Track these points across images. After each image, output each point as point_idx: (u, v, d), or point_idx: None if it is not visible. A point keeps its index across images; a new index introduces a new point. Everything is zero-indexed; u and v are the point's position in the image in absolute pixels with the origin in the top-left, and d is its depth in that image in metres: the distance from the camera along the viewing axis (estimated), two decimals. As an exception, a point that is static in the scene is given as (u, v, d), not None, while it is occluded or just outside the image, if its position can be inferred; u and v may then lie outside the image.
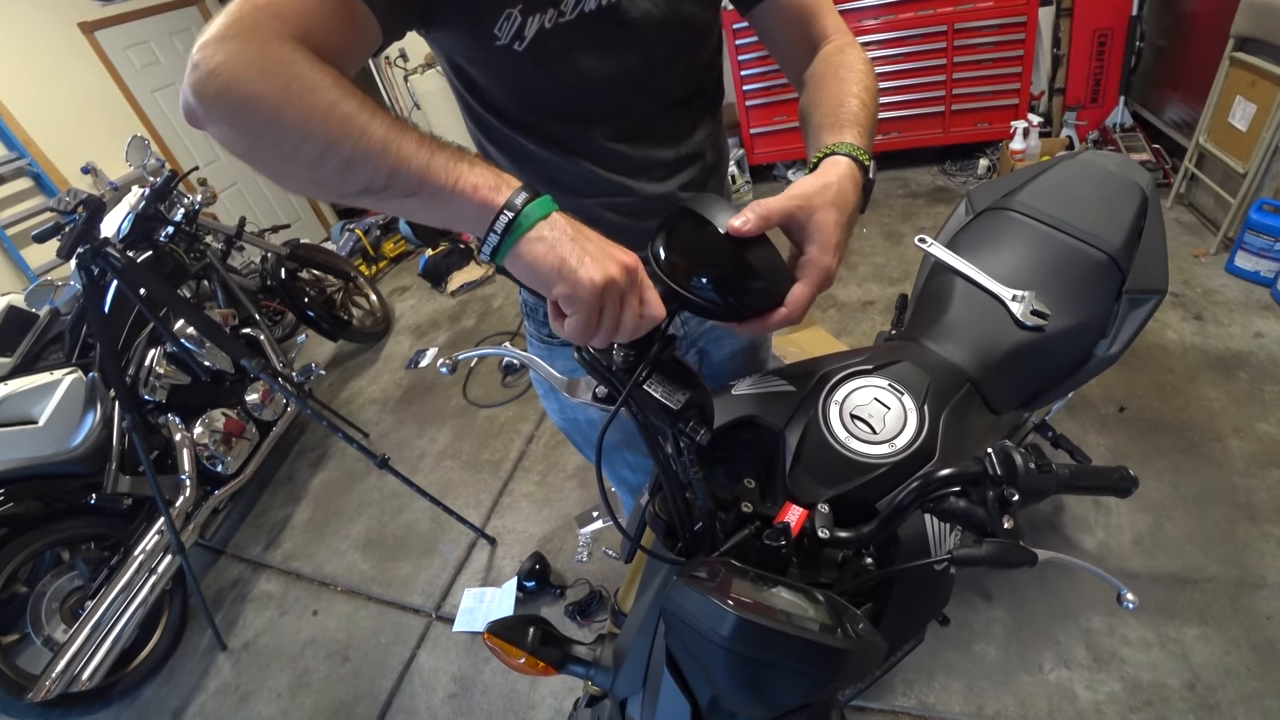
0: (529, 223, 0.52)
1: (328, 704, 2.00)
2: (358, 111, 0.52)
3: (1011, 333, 1.05)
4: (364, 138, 0.52)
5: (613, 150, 0.86)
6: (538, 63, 0.75)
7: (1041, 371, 1.10)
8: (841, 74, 0.77)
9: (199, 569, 2.61)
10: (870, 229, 3.13)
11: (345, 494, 2.78)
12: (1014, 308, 1.06)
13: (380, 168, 0.52)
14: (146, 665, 2.25)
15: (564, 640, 0.78)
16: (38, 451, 2.16)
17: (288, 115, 0.51)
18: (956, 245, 1.23)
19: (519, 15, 0.71)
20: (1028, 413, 1.27)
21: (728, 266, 0.58)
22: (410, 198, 0.53)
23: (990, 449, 0.64)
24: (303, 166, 0.54)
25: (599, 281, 0.51)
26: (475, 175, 0.52)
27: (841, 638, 0.57)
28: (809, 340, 2.46)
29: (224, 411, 2.62)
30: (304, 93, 0.51)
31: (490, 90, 0.80)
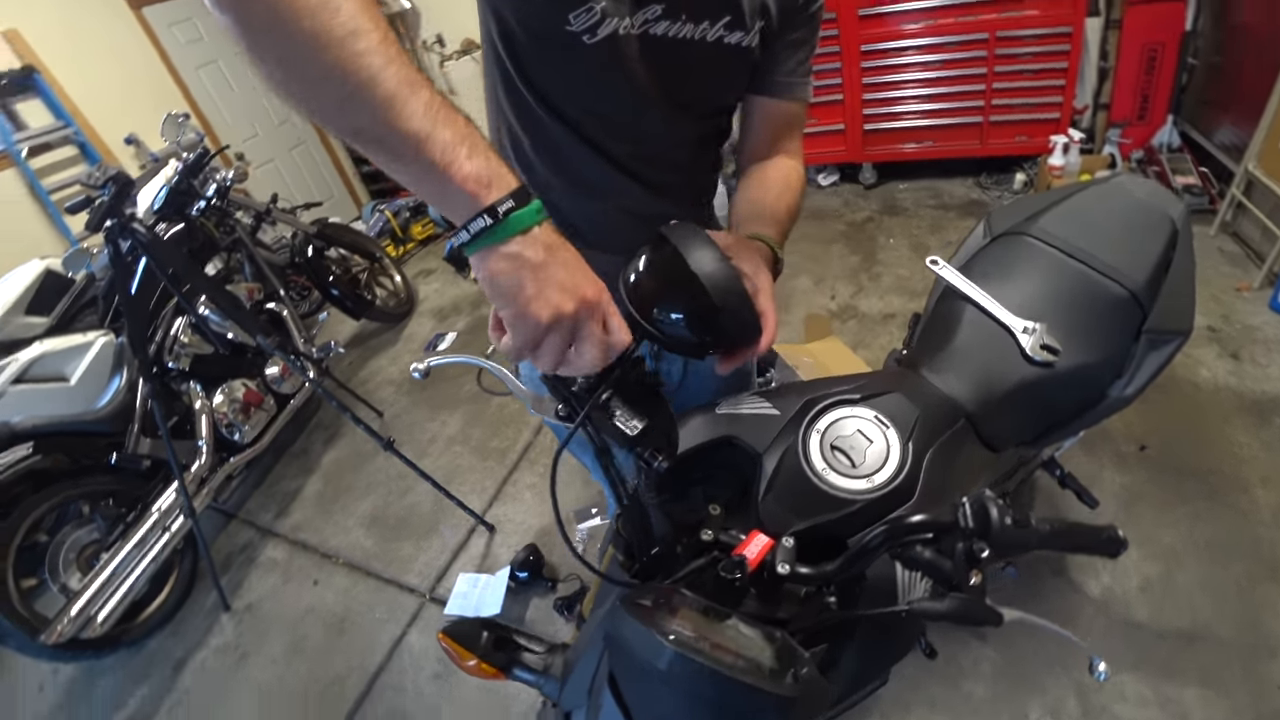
0: (505, 234, 0.50)
1: (321, 672, 2.05)
2: (374, 49, 0.47)
3: (1018, 367, 1.01)
4: (372, 82, 0.47)
5: (630, 163, 0.92)
6: (597, 61, 0.78)
7: (1047, 410, 1.06)
8: (786, 187, 0.94)
9: (211, 531, 2.69)
10: (897, 239, 3.06)
11: (355, 471, 2.83)
12: (1023, 340, 1.03)
13: (375, 118, 0.48)
14: (154, 618, 2.33)
15: (517, 647, 0.78)
16: (67, 409, 2.25)
17: (303, 26, 0.45)
18: (970, 269, 1.19)
19: (600, 12, 0.74)
20: (1034, 450, 1.22)
21: (695, 303, 0.56)
22: (398, 162, 0.50)
23: (966, 498, 0.62)
24: (304, 85, 0.49)
25: (544, 319, 0.51)
26: (471, 164, 0.49)
27: (782, 682, 0.55)
28: (825, 352, 2.42)
29: (244, 382, 2.68)
30: (320, 9, 0.46)
31: (539, 70, 0.83)
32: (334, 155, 5.41)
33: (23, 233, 3.46)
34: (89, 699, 2.25)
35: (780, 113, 0.94)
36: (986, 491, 0.63)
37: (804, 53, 0.91)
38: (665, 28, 0.78)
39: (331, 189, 5.42)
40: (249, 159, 4.68)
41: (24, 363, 2.22)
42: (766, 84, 0.91)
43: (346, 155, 5.51)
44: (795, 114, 0.96)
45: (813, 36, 0.91)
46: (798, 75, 0.92)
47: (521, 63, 0.82)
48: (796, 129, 0.98)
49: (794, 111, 0.95)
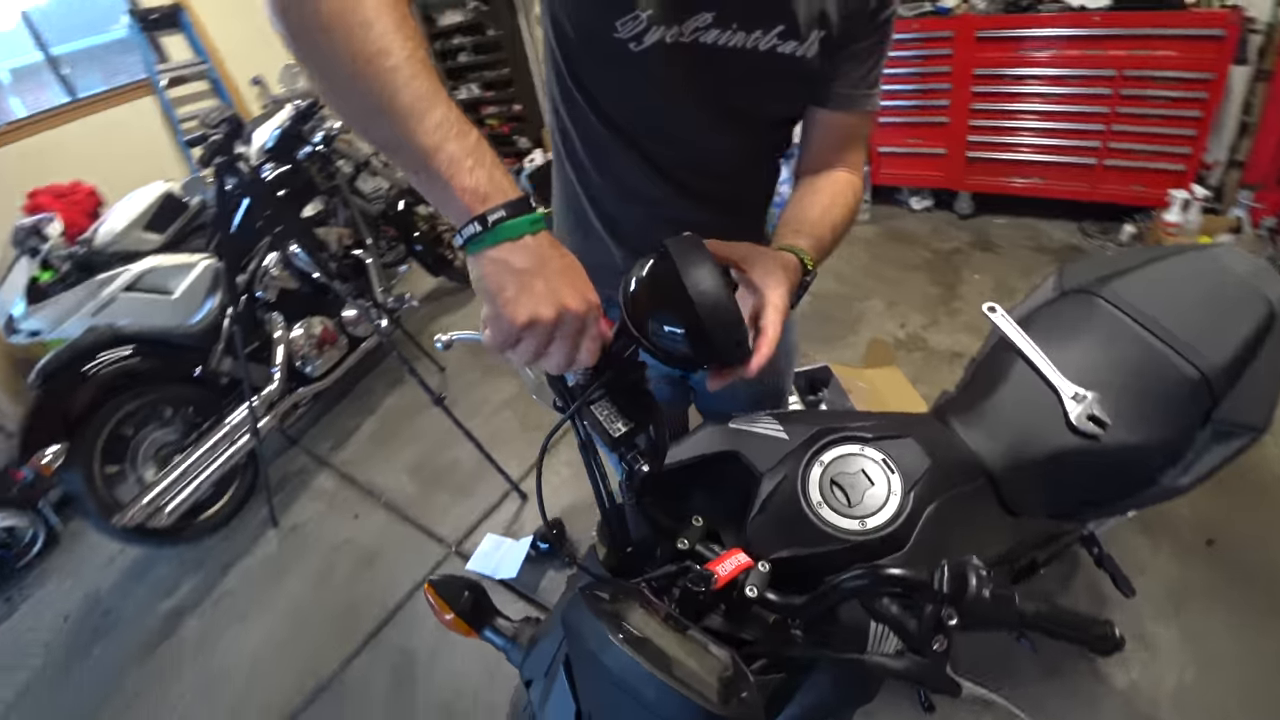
0: (492, 240, 0.53)
1: (344, 599, 2.19)
2: (399, 66, 0.52)
3: (1058, 434, 0.96)
4: (393, 97, 0.51)
5: (675, 170, 0.92)
6: (643, 69, 0.79)
7: (1083, 485, 1.00)
8: (835, 200, 0.89)
9: (272, 453, 2.90)
10: (983, 277, 2.91)
11: (409, 419, 2.97)
12: (1070, 406, 0.97)
13: (394, 134, 0.53)
14: (211, 521, 2.55)
15: (493, 612, 0.82)
16: (166, 321, 2.47)
17: (339, 44, 0.52)
18: (1030, 323, 1.13)
19: (645, 21, 0.75)
20: (1067, 523, 1.16)
21: (684, 319, 0.57)
22: (412, 170, 0.55)
23: (945, 562, 0.60)
24: (338, 97, 0.56)
25: (520, 321, 0.53)
26: (471, 178, 0.53)
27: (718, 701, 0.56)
28: (883, 380, 2.35)
29: (322, 320, 2.85)
30: (357, 28, 0.51)
31: (588, 74, 0.85)
32: (442, 115, 5.62)
33: (153, 156, 3.79)
34: (145, 580, 2.50)
35: (840, 125, 0.91)
36: (973, 559, 0.61)
37: (870, 63, 0.86)
38: (715, 36, 0.77)
39: (434, 149, 5.64)
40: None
41: (136, 273, 2.45)
42: (827, 95, 0.88)
43: (454, 117, 5.72)
44: (856, 126, 0.93)
45: (880, 47, 0.86)
46: (862, 87, 0.88)
47: (574, 66, 0.84)
48: (857, 141, 0.95)
49: (855, 124, 0.92)
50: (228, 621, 2.23)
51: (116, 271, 2.42)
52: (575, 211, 1.00)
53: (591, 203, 0.97)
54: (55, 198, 3.26)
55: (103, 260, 2.45)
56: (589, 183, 0.95)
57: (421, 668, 1.90)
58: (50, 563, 2.75)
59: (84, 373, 2.21)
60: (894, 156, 3.44)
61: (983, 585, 0.57)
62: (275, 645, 2.11)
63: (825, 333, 2.82)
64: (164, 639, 2.24)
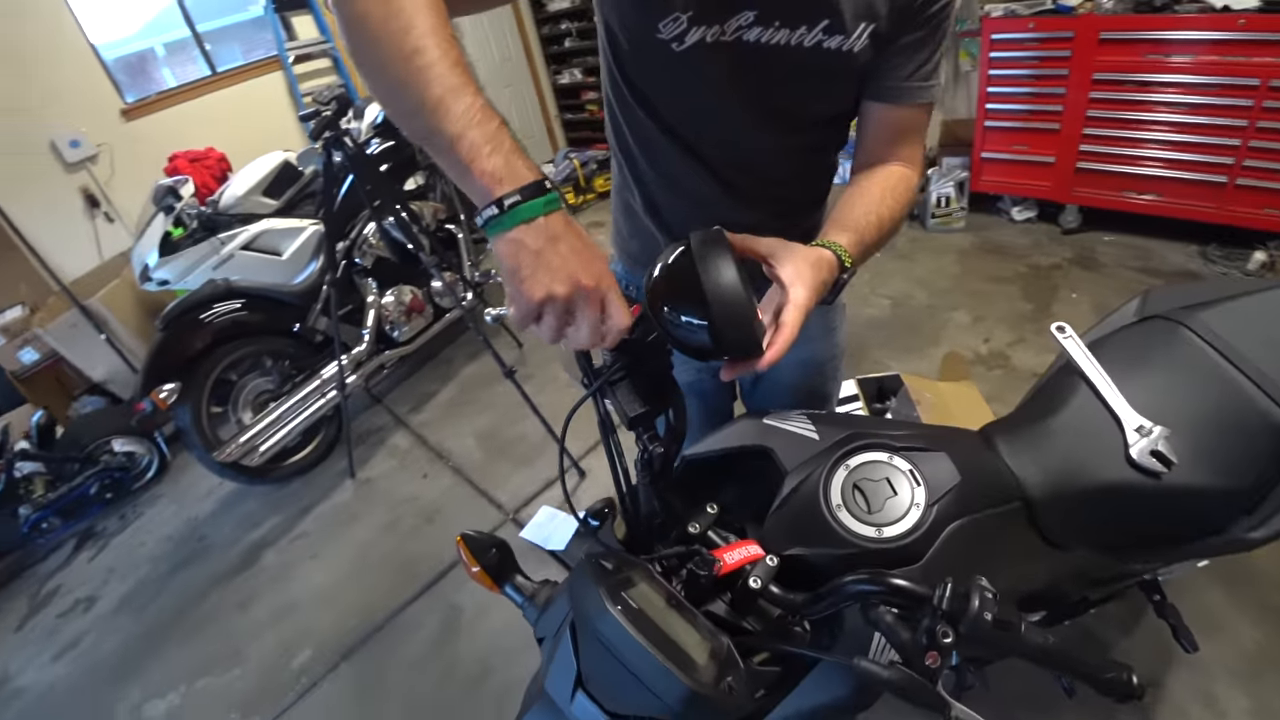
0: (510, 222, 0.56)
1: (405, 551, 2.35)
2: (433, 63, 0.57)
3: (1114, 467, 0.90)
4: (426, 89, 0.57)
5: (722, 168, 0.92)
6: (686, 68, 0.81)
7: (1136, 524, 0.94)
8: (885, 195, 0.86)
9: (356, 409, 3.12)
10: (1081, 296, 2.72)
11: (484, 389, 3.11)
12: (1132, 439, 0.91)
13: (426, 123, 0.58)
14: (297, 465, 2.79)
15: (516, 570, 0.86)
16: (273, 279, 2.70)
17: (381, 47, 0.59)
18: (1102, 348, 1.06)
19: (687, 21, 0.77)
20: (1119, 563, 1.09)
21: (697, 312, 0.59)
22: (439, 155, 0.60)
23: (950, 579, 0.60)
24: (382, 91, 0.62)
25: (536, 297, 0.56)
26: (490, 162, 0.56)
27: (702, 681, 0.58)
28: (954, 394, 2.26)
29: (412, 289, 3.02)
30: (398, 31, 0.58)
31: (636, 72, 0.88)
32: (541, 99, 5.78)
33: (276, 126, 4.12)
34: (235, 512, 2.77)
35: (893, 119, 0.89)
36: (980, 580, 0.60)
37: (924, 55, 0.83)
38: (758, 34, 0.77)
39: (533, 130, 5.81)
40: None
41: (253, 234, 2.69)
42: (881, 89, 0.86)
43: (553, 101, 5.86)
44: (912, 120, 0.90)
45: (934, 38, 0.83)
46: (916, 80, 0.85)
47: (624, 66, 0.87)
48: (913, 135, 0.92)
49: (910, 118, 0.89)
50: (300, 559, 2.44)
51: (236, 231, 2.66)
52: (625, 202, 1.03)
53: (641, 195, 0.99)
54: (190, 161, 3.62)
55: (225, 221, 2.71)
56: (640, 176, 0.97)
57: (466, 622, 2.01)
58: (160, 488, 3.09)
59: (201, 320, 2.46)
60: (997, 163, 3.25)
61: (985, 608, 0.57)
62: (339, 585, 2.29)
63: (904, 341, 2.73)
64: (245, 567, 2.48)
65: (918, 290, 3.03)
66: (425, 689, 1.87)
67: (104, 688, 2.18)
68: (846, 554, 0.74)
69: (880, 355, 2.68)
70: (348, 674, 1.98)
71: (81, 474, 2.81)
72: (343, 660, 2.01)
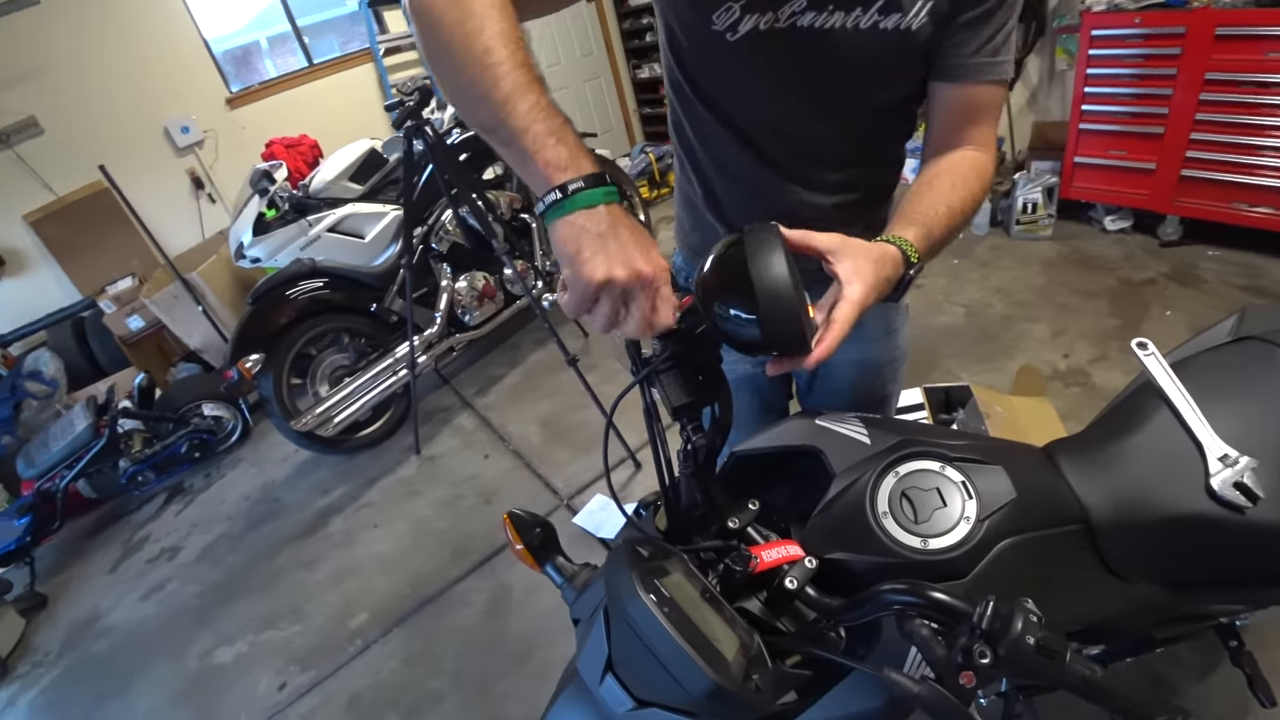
0: (571, 207, 0.58)
1: (460, 529, 2.44)
2: (501, 62, 0.61)
3: (1191, 497, 0.84)
4: (494, 86, 0.61)
5: (782, 157, 0.91)
6: (743, 57, 0.81)
7: (1211, 562, 0.87)
8: (955, 183, 0.82)
9: (425, 389, 3.24)
10: (1177, 314, 2.53)
11: (549, 375, 3.18)
12: (1215, 469, 0.85)
13: (494, 116, 0.61)
14: (366, 439, 2.94)
15: (557, 551, 0.88)
16: (355, 260, 2.84)
17: (454, 47, 0.63)
18: (1187, 368, 0.99)
19: (739, 10, 0.77)
20: (1191, 601, 1.01)
21: (745, 306, 0.59)
22: (505, 148, 0.63)
23: (992, 597, 0.58)
24: (453, 89, 0.66)
25: (596, 279, 0.57)
26: (553, 152, 0.59)
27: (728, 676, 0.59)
28: (1027, 410, 2.15)
29: (485, 275, 3.12)
30: (470, 34, 0.62)
31: (694, 65, 0.88)
32: (621, 94, 5.81)
33: (365, 115, 4.32)
34: (308, 478, 2.95)
35: (962, 99, 0.84)
36: (1027, 602, 0.57)
37: (991, 29, 0.79)
38: (812, 19, 0.76)
39: (611, 123, 5.85)
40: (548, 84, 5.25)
41: (339, 217, 2.84)
42: (946, 68, 0.82)
43: (632, 95, 5.89)
44: (983, 99, 0.85)
45: (1002, 10, 0.79)
46: (983, 55, 0.80)
47: (682, 60, 0.88)
48: (985, 116, 0.87)
49: (981, 96, 0.84)
50: (364, 527, 2.57)
51: (323, 214, 2.82)
52: (686, 196, 1.03)
53: (702, 188, 0.99)
54: (286, 147, 3.84)
55: (314, 204, 2.88)
56: (699, 169, 0.97)
57: (515, 602, 2.07)
58: (242, 452, 3.32)
59: (286, 297, 2.62)
60: (1091, 168, 3.06)
61: (1028, 631, 0.54)
62: (398, 555, 2.40)
63: (977, 351, 2.62)
64: (314, 530, 2.64)
65: (996, 299, 2.89)
66: (471, 661, 1.95)
67: (183, 631, 2.37)
68: (888, 562, 0.73)
69: (951, 365, 2.58)
70: (398, 640, 2.08)
71: (174, 433, 3.06)
72: (396, 626, 2.11)
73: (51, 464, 2.80)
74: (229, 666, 2.17)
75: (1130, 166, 2.90)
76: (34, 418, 3.26)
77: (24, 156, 3.51)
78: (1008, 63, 0.83)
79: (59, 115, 3.56)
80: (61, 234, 3.59)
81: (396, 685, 1.94)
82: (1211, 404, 0.90)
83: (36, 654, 2.51)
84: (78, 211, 3.59)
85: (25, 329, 3.62)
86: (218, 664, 2.19)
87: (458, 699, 1.86)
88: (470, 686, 1.88)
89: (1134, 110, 2.81)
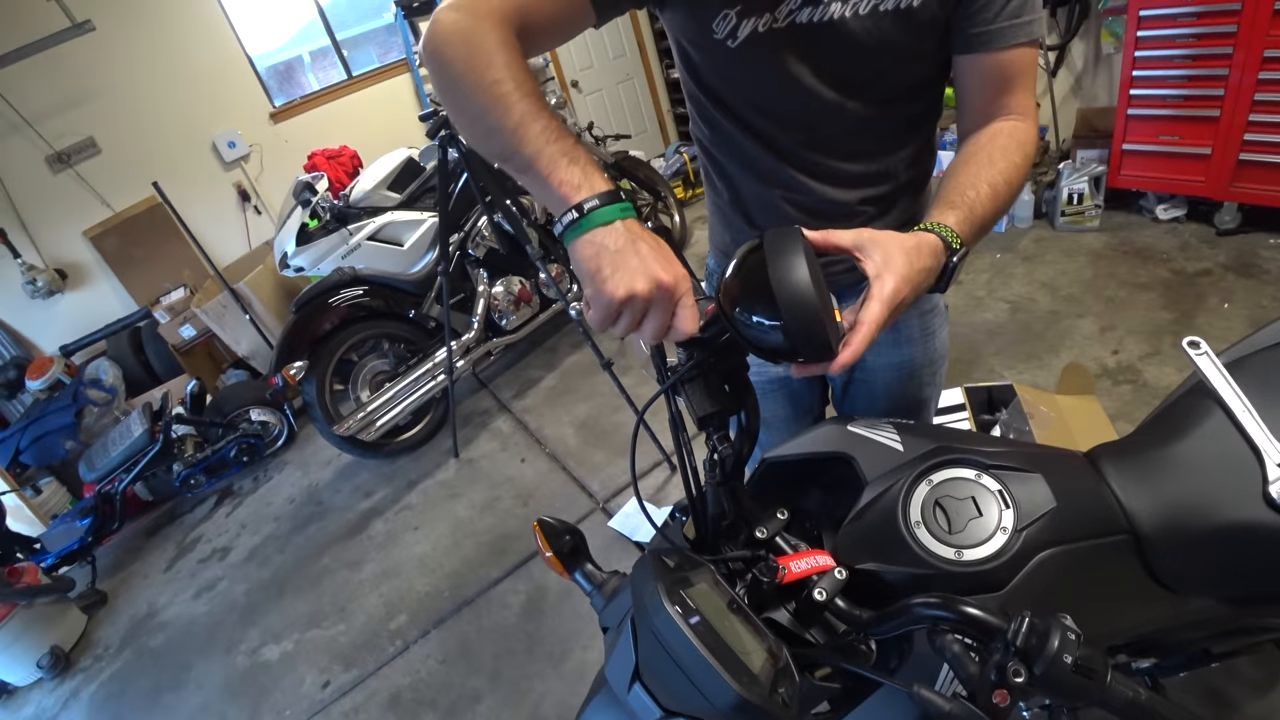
0: (589, 225, 0.59)
1: (499, 530, 2.47)
2: (510, 93, 0.64)
3: (1248, 505, 0.80)
4: (505, 116, 0.64)
5: (803, 154, 0.90)
6: (746, 61, 0.81)
7: (1272, 573, 0.82)
8: (994, 156, 0.78)
9: (463, 393, 3.30)
10: (1235, 307, 2.40)
11: (585, 379, 3.19)
12: (1273, 475, 0.80)
13: (507, 144, 0.64)
14: (406, 443, 2.99)
15: (587, 558, 0.89)
16: (394, 267, 2.91)
17: (465, 81, 0.66)
18: (1243, 367, 0.94)
19: (735, 16, 0.77)
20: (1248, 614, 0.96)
21: (766, 313, 0.58)
22: (520, 173, 0.65)
23: (1028, 613, 0.56)
24: (466, 123, 0.69)
25: (619, 296, 0.58)
26: (566, 173, 0.61)
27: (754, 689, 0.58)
28: (1075, 410, 2.08)
29: (521, 280, 3.16)
30: (479, 68, 0.65)
31: (706, 74, 0.88)
32: (655, 94, 5.81)
33: (404, 125, 4.40)
34: (350, 481, 3.03)
35: (992, 68, 0.80)
36: (1065, 618, 0.55)
37: None
38: (810, 13, 0.75)
39: (645, 124, 5.85)
40: (582, 87, 5.29)
41: (378, 225, 2.91)
42: (969, 39, 0.78)
43: (665, 95, 5.88)
44: (1014, 63, 0.79)
45: None
46: (1005, 18, 0.76)
47: (695, 70, 0.88)
48: (1020, 82, 0.81)
49: (1011, 62, 0.79)
50: (404, 529, 2.63)
51: (363, 223, 2.89)
52: (714, 201, 1.03)
53: (728, 191, 0.98)
54: (327, 159, 3.95)
55: (354, 213, 2.95)
56: (724, 173, 0.97)
57: (551, 604, 2.09)
58: (287, 456, 3.43)
59: (328, 305, 2.69)
60: (1141, 155, 2.93)
61: (1065, 649, 0.52)
62: (437, 556, 2.45)
63: (1023, 349, 2.54)
64: (357, 532, 2.70)
65: (1041, 294, 2.80)
66: (508, 661, 1.97)
67: (233, 628, 2.46)
68: (921, 574, 0.71)
69: (994, 363, 2.51)
70: (437, 640, 2.12)
71: (224, 438, 3.17)
72: (434, 627, 2.16)
73: (111, 468, 2.93)
74: (275, 664, 2.25)
75: (1183, 152, 2.77)
76: (95, 423, 3.43)
77: (83, 175, 3.69)
78: (1035, 20, 0.78)
79: (115, 135, 3.74)
80: (118, 248, 3.77)
81: (435, 685, 1.98)
82: (1270, 406, 0.85)
83: (98, 648, 2.63)
84: (133, 226, 3.77)
85: (86, 339, 3.81)
86: (265, 660, 2.27)
87: (495, 699, 1.89)
88: (507, 686, 1.90)
89: (1187, 93, 2.68)
